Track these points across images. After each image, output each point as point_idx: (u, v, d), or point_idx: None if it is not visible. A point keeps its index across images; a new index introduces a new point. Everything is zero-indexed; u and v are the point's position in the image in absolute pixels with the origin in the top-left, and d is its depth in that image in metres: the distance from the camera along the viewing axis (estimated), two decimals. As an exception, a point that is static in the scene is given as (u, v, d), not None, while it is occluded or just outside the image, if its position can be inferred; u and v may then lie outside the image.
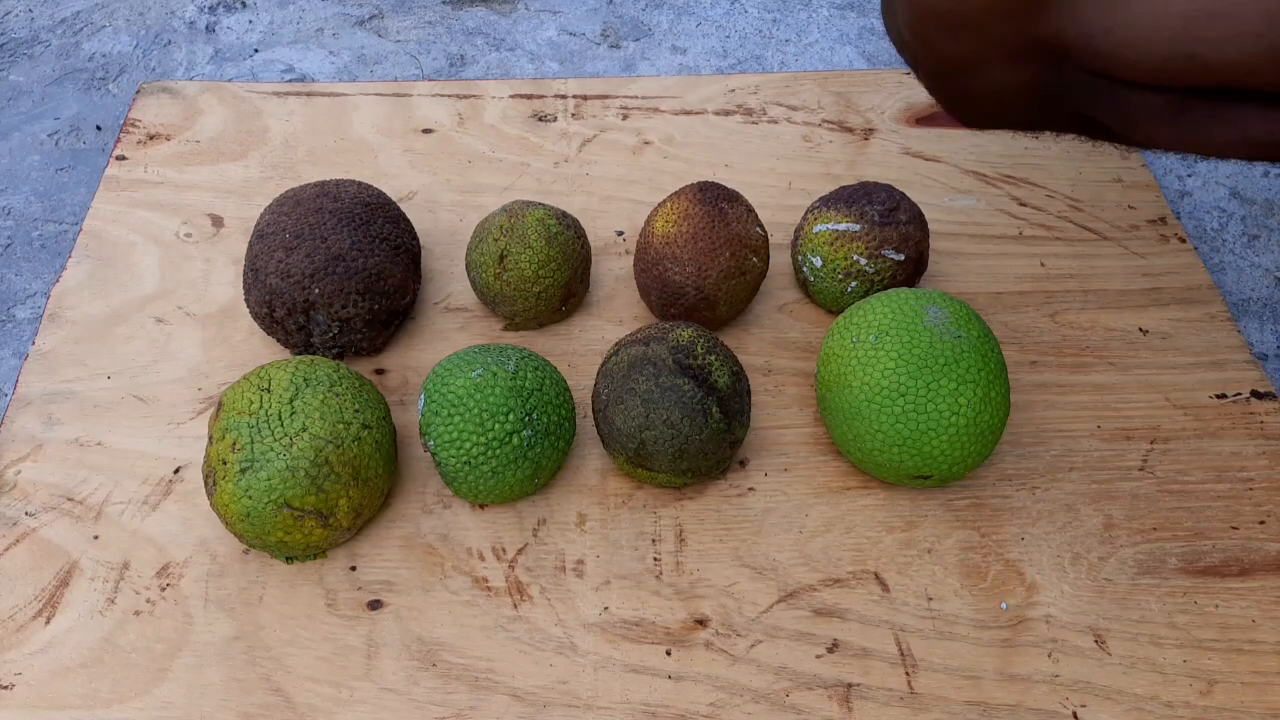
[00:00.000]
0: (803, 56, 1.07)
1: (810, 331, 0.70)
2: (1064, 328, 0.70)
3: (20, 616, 0.55)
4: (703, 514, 0.60)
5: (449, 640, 0.55)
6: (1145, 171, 0.82)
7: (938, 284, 0.73)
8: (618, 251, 0.75)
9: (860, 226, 0.65)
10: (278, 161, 0.80)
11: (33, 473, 0.61)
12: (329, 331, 0.63)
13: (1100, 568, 0.58)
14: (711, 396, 0.55)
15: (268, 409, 0.53)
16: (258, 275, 0.62)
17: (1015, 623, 0.56)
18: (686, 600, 0.57)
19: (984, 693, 0.53)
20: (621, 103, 0.86)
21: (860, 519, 0.60)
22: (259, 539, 0.53)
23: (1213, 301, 0.72)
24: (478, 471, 0.55)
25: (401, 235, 0.66)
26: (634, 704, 0.53)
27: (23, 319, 0.81)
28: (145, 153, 0.80)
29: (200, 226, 0.75)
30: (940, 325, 0.55)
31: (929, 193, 0.79)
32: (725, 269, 0.63)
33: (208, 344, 0.68)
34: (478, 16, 1.11)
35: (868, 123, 0.85)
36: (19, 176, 0.92)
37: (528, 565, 0.58)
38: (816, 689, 0.53)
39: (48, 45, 1.05)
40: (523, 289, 0.64)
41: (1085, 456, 0.64)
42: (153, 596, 0.56)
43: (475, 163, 0.81)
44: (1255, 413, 0.66)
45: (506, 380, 0.56)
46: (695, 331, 0.58)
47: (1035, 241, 0.76)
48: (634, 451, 0.56)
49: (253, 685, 0.53)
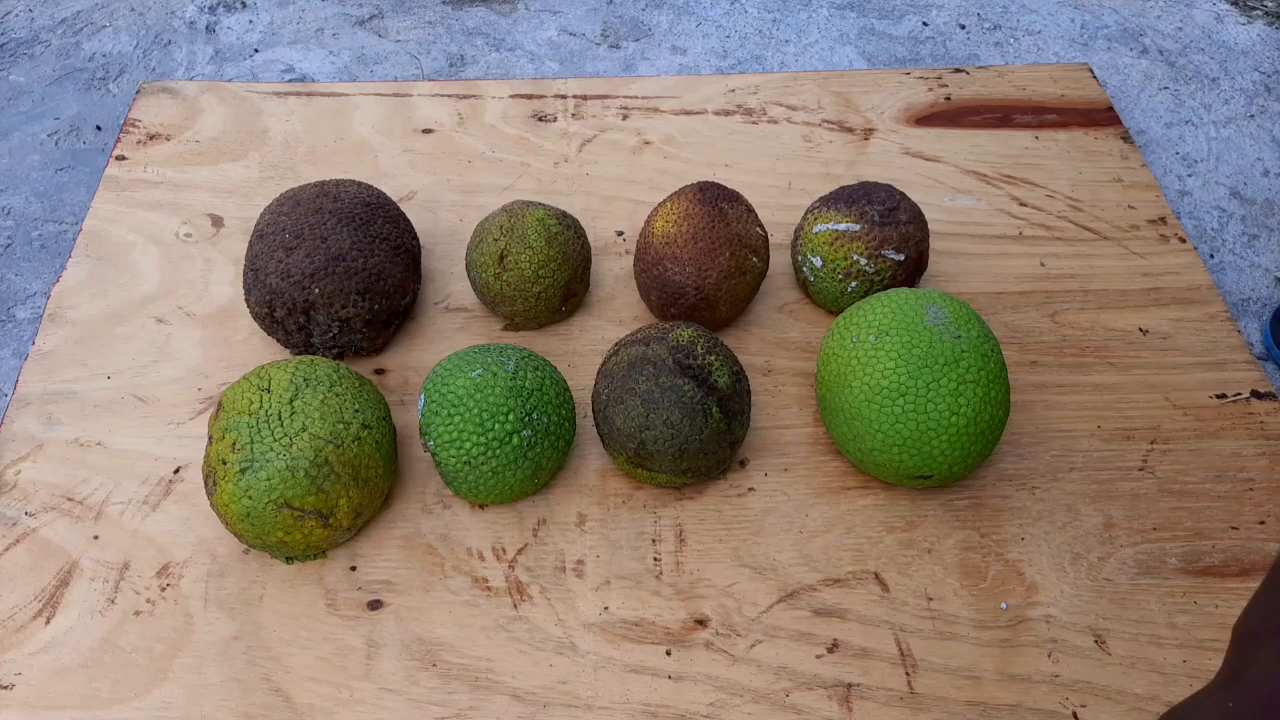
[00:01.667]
0: (803, 56, 1.07)
1: (810, 331, 0.70)
2: (1064, 328, 0.70)
3: (20, 616, 0.55)
4: (703, 514, 0.60)
5: (449, 640, 0.55)
6: (1145, 171, 0.82)
7: (938, 284, 0.73)
8: (618, 251, 0.75)
9: (860, 226, 0.65)
10: (278, 161, 0.80)
11: (33, 473, 0.61)
12: (329, 331, 0.63)
13: (1100, 568, 0.58)
14: (711, 396, 0.55)
15: (268, 409, 0.53)
16: (258, 275, 0.62)
17: (1015, 623, 0.56)
18: (686, 600, 0.57)
19: (984, 693, 0.53)
20: (621, 103, 0.86)
21: (860, 519, 0.60)
22: (259, 539, 0.53)
23: (1213, 301, 0.72)
24: (478, 471, 0.55)
25: (401, 235, 0.66)
26: (634, 704, 0.53)
27: (23, 319, 0.81)
28: (145, 153, 0.80)
29: (200, 226, 0.75)
30: (940, 325, 0.55)
31: (929, 193, 0.79)
32: (725, 269, 0.63)
33: (208, 344, 0.68)
34: (478, 16, 1.11)
35: (868, 123, 0.85)
36: (19, 176, 0.92)
37: (528, 565, 0.58)
38: (816, 689, 0.53)
39: (48, 45, 1.05)
40: (523, 289, 0.64)
41: (1085, 456, 0.64)
42: (153, 596, 0.56)
43: (475, 163, 0.81)
44: (1255, 413, 0.66)
45: (506, 380, 0.56)
46: (695, 331, 0.58)
47: (1035, 241, 0.76)
48: (634, 451, 0.56)
49: (253, 685, 0.53)
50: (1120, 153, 0.83)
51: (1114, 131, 0.85)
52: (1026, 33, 1.19)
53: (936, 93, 0.88)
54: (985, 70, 0.90)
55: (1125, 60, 1.15)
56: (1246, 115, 1.08)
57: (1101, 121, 0.86)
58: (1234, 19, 1.21)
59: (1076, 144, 0.84)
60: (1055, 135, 0.84)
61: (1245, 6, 1.23)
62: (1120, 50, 1.16)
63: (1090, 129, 0.85)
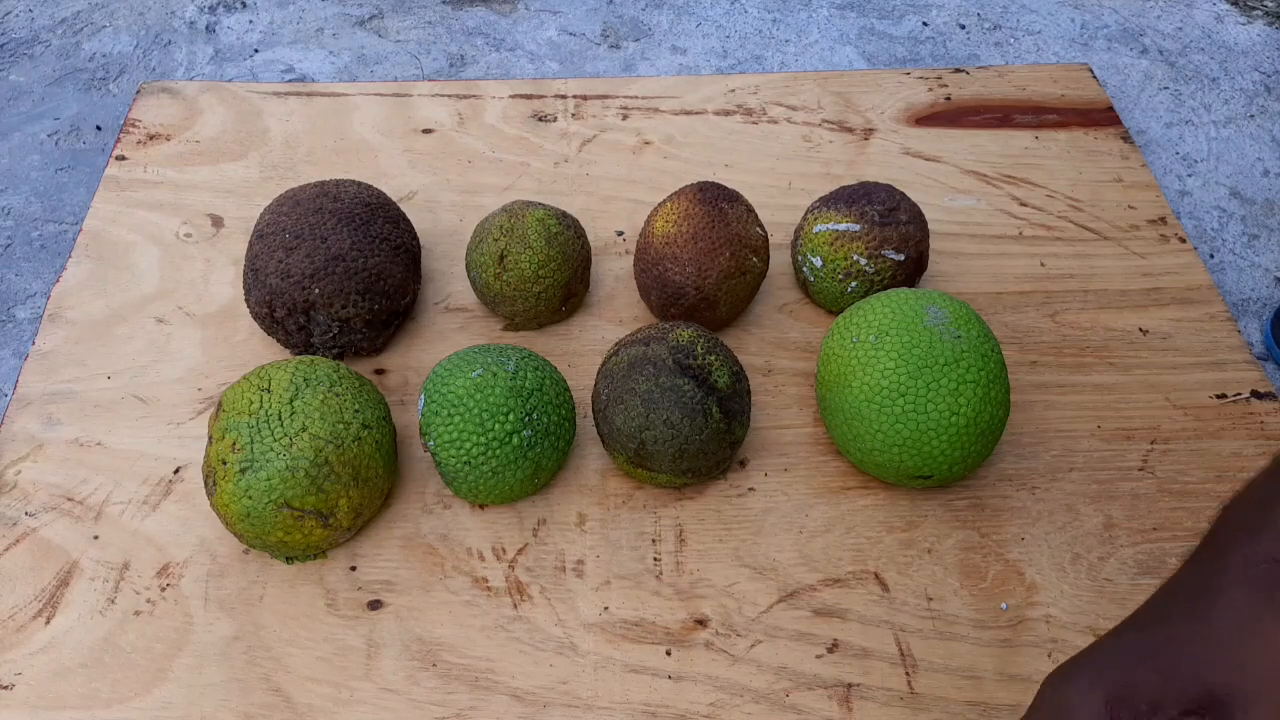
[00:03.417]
0: (803, 56, 1.07)
1: (810, 331, 0.70)
2: (1064, 328, 0.70)
3: (20, 616, 0.55)
4: (703, 514, 0.60)
5: (449, 640, 0.55)
6: (1145, 171, 0.82)
7: (938, 284, 0.73)
8: (618, 251, 0.75)
9: (860, 226, 0.65)
10: (278, 161, 0.80)
11: (33, 473, 0.61)
12: (329, 331, 0.63)
13: (1100, 568, 0.58)
14: (711, 396, 0.55)
15: (268, 409, 0.53)
16: (258, 275, 0.62)
17: (1015, 623, 0.56)
18: (686, 600, 0.57)
19: (984, 693, 0.53)
20: (621, 103, 0.86)
21: (860, 519, 0.60)
22: (259, 539, 0.53)
23: (1213, 301, 0.72)
24: (478, 471, 0.55)
25: (401, 235, 0.66)
26: (634, 704, 0.53)
27: (23, 319, 0.81)
28: (145, 153, 0.80)
29: (200, 226, 0.75)
30: (940, 325, 0.55)
31: (929, 193, 0.79)
32: (725, 269, 0.63)
33: (208, 344, 0.68)
34: (478, 16, 1.11)
35: (868, 123, 0.85)
36: (19, 176, 0.92)
37: (528, 565, 0.58)
38: (816, 689, 0.53)
39: (48, 45, 1.05)
40: (523, 289, 0.64)
41: (1085, 456, 0.64)
42: (153, 596, 0.56)
43: (475, 163, 0.81)
44: (1255, 413, 0.66)
45: (506, 380, 0.56)
46: (695, 331, 0.58)
47: (1035, 241, 0.76)
48: (634, 451, 0.56)
49: (253, 685, 0.53)
50: (1120, 153, 0.83)
51: (1114, 131, 0.85)
52: (1026, 33, 1.19)
53: (936, 93, 0.88)
54: (985, 70, 0.90)
55: (1125, 60, 1.15)
56: (1246, 115, 1.08)
57: (1101, 121, 0.86)
58: (1234, 19, 1.21)
59: (1076, 144, 0.84)
60: (1055, 135, 0.84)
61: (1245, 6, 1.23)
62: (1120, 50, 1.16)
63: (1090, 129, 0.85)
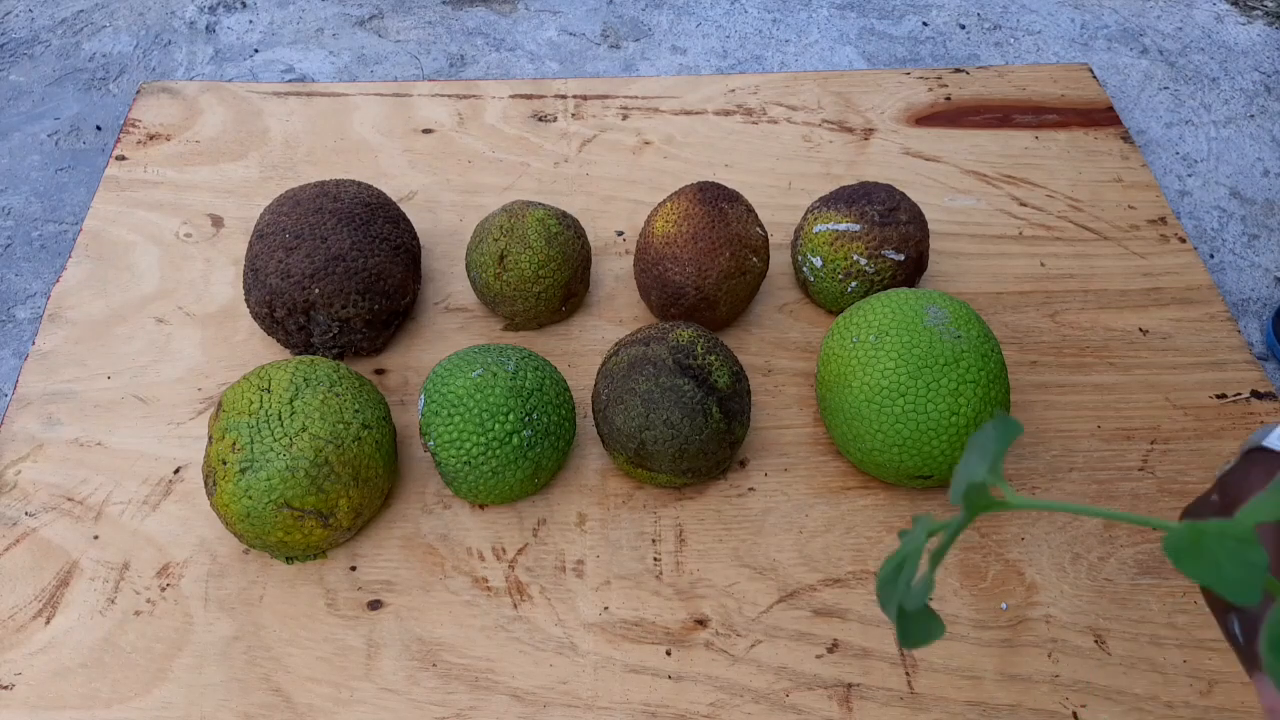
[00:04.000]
0: (803, 56, 1.07)
1: (810, 331, 0.70)
2: (1064, 328, 0.70)
3: (20, 616, 0.55)
4: (703, 514, 0.60)
5: (449, 640, 0.55)
6: (1145, 171, 0.82)
7: (938, 284, 0.73)
8: (618, 251, 0.75)
9: (860, 226, 0.65)
10: (278, 161, 0.80)
11: (33, 473, 0.61)
12: (329, 331, 0.63)
13: (1100, 568, 0.58)
14: (711, 396, 0.55)
15: (268, 409, 0.53)
16: (258, 275, 0.62)
17: (1015, 623, 0.56)
18: (686, 600, 0.57)
19: (984, 693, 0.53)
20: (621, 103, 0.86)
21: (860, 519, 0.60)
22: (259, 539, 0.53)
23: (1213, 301, 0.72)
24: (478, 471, 0.55)
25: (401, 235, 0.66)
26: (634, 704, 0.53)
27: (23, 319, 0.81)
28: (145, 153, 0.80)
29: (200, 226, 0.75)
30: (940, 325, 0.55)
31: (929, 193, 0.79)
32: (725, 269, 0.63)
33: (208, 344, 0.68)
34: (478, 16, 1.11)
35: (868, 123, 0.85)
36: (19, 176, 0.92)
37: (528, 565, 0.58)
38: (816, 689, 0.53)
39: (48, 45, 1.05)
40: (523, 289, 0.64)
41: (1085, 456, 0.64)
42: (153, 596, 0.56)
43: (475, 163, 0.81)
44: (1255, 413, 0.66)
45: (506, 380, 0.56)
46: (695, 331, 0.58)
47: (1035, 241, 0.76)
48: (634, 451, 0.56)
49: (253, 685, 0.53)
50: (1120, 153, 0.83)
51: (1114, 131, 0.85)
52: (1026, 33, 1.19)
53: (936, 93, 0.88)
54: (985, 70, 0.90)
55: (1125, 60, 1.15)
56: (1246, 115, 1.08)
57: (1101, 121, 0.86)
58: (1234, 19, 1.21)
59: (1076, 144, 0.84)
60: (1055, 135, 0.84)
61: (1245, 6, 1.23)
62: (1120, 50, 1.16)
63: (1090, 129, 0.85)
